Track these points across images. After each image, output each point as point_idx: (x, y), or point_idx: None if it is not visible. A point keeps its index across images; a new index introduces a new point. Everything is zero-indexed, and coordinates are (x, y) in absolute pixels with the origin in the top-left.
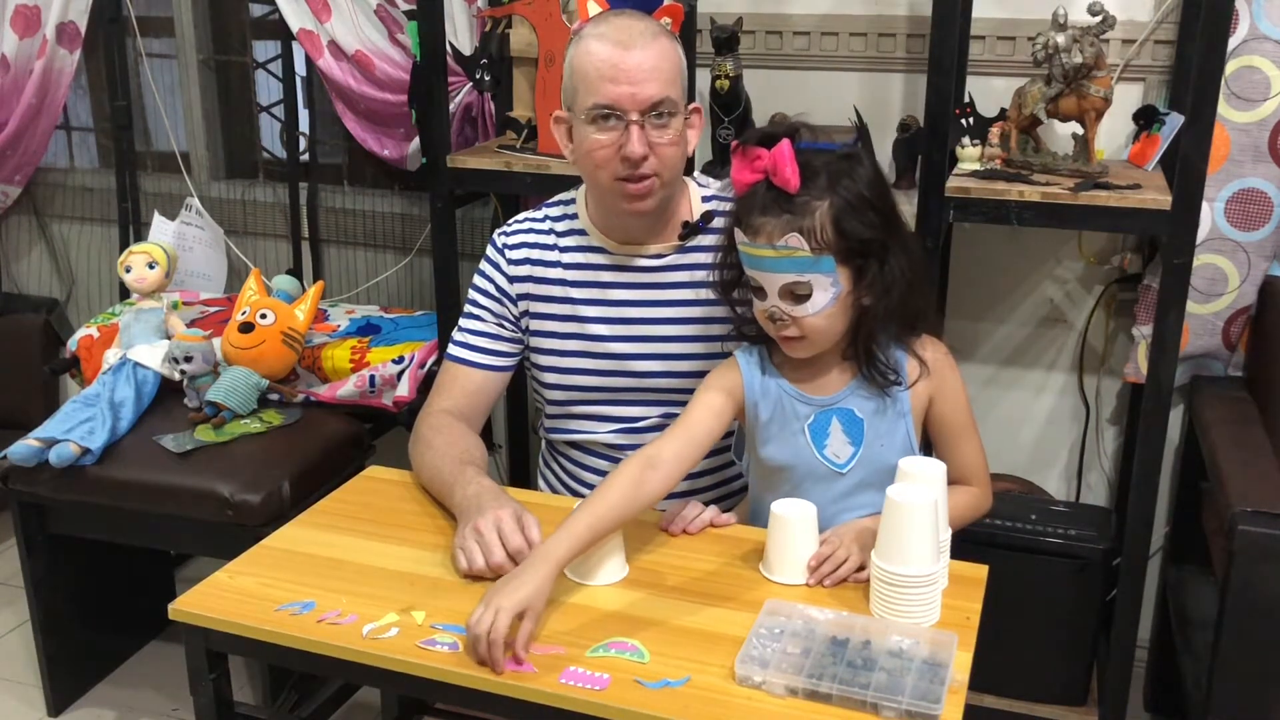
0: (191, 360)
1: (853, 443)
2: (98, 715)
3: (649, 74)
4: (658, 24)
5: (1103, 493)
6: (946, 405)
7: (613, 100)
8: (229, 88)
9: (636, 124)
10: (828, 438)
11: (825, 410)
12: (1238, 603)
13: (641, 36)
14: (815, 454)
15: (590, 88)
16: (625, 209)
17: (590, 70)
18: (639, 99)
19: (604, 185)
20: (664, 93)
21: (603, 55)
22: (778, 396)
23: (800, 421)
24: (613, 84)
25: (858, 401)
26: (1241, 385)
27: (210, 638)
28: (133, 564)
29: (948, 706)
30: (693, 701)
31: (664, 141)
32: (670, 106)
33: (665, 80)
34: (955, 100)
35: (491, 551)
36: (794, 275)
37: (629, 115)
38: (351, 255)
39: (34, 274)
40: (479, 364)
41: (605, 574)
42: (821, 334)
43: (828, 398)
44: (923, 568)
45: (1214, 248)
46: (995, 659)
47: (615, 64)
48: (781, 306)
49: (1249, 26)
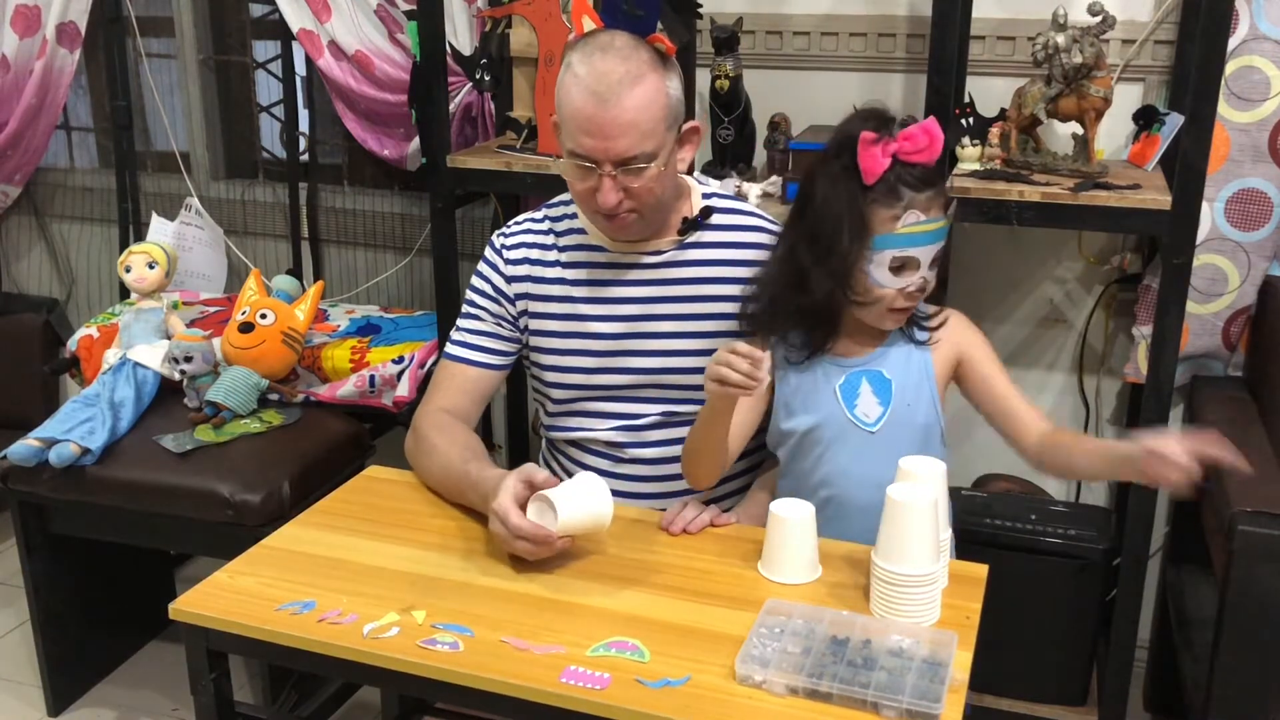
0: (191, 360)
1: (882, 402)
2: (98, 715)
3: (623, 129)
4: (645, 58)
5: (1103, 493)
6: (978, 354)
7: (586, 151)
8: (229, 88)
9: (609, 175)
10: (858, 398)
11: (856, 371)
12: (1238, 603)
13: (619, 86)
14: (846, 413)
15: (568, 130)
16: (606, 230)
17: (568, 113)
18: (611, 154)
19: (586, 212)
20: (638, 148)
21: (578, 104)
22: (808, 366)
23: (831, 383)
24: (587, 136)
25: (886, 363)
26: (1241, 385)
27: (210, 638)
28: (133, 564)
29: (948, 706)
30: (693, 701)
31: (639, 186)
32: (645, 159)
33: (642, 134)
34: (955, 100)
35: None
36: (940, 243)
37: (602, 166)
38: (351, 255)
39: (34, 274)
40: (476, 362)
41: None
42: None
43: (859, 359)
44: (923, 567)
45: (1214, 248)
46: (995, 659)
47: (589, 117)
48: (929, 275)
49: (1249, 26)
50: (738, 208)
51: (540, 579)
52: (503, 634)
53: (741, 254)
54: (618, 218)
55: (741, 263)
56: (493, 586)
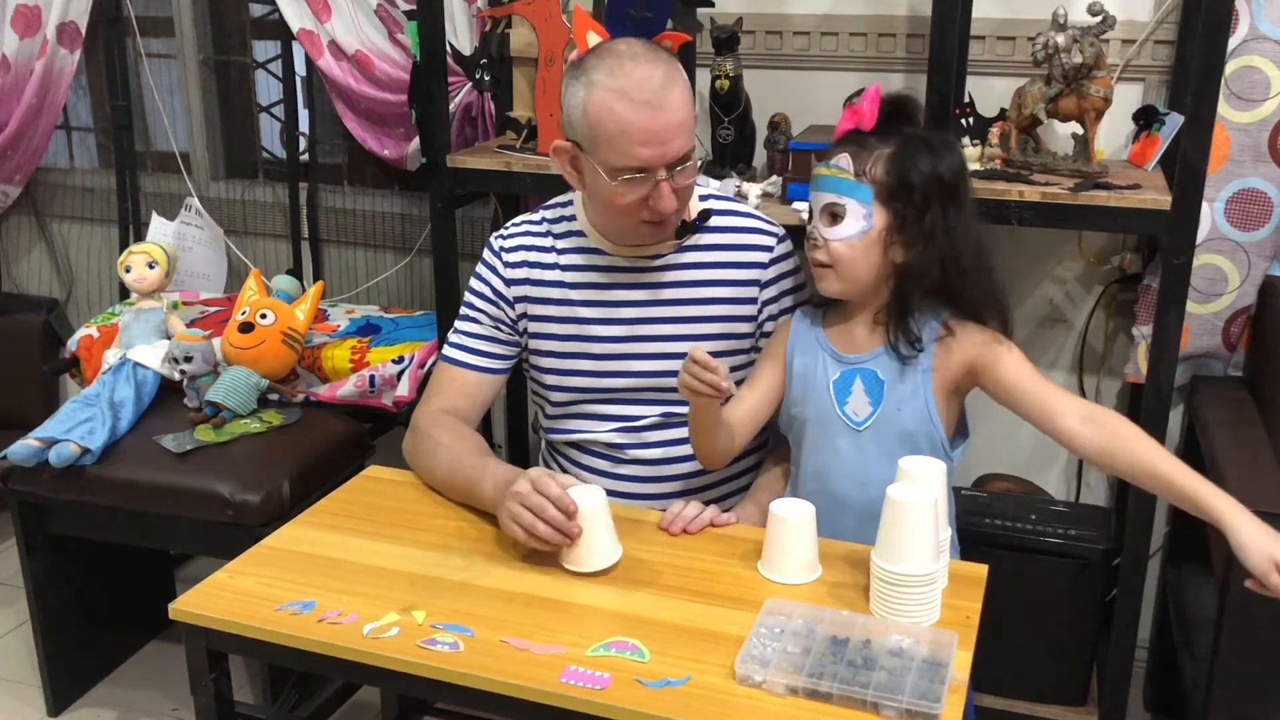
0: (191, 360)
1: (872, 403)
2: (98, 715)
3: (677, 130)
4: (665, 57)
5: (1102, 493)
6: (1005, 371)
7: (644, 162)
8: (229, 88)
9: (666, 180)
10: (849, 395)
11: (851, 369)
12: (1238, 603)
13: (664, 90)
14: (836, 409)
15: (619, 150)
16: (644, 237)
17: (616, 132)
18: (669, 156)
19: (625, 225)
20: (690, 143)
21: (632, 119)
22: (814, 348)
23: (827, 377)
24: (644, 147)
25: (883, 364)
26: (1241, 385)
27: (210, 638)
28: (133, 564)
29: (948, 706)
30: (693, 701)
31: (686, 184)
32: (692, 152)
33: (689, 130)
34: (955, 100)
35: (529, 498)
36: (833, 196)
37: (658, 173)
38: (351, 255)
39: (34, 274)
40: (475, 365)
41: (597, 559)
42: (847, 266)
43: (857, 356)
44: (922, 567)
45: (1214, 248)
46: (995, 659)
47: (647, 128)
48: (819, 227)
49: (1249, 26)
50: (736, 209)
51: (540, 579)
52: (503, 634)
53: (739, 256)
54: (664, 223)
55: (739, 265)
56: (493, 586)
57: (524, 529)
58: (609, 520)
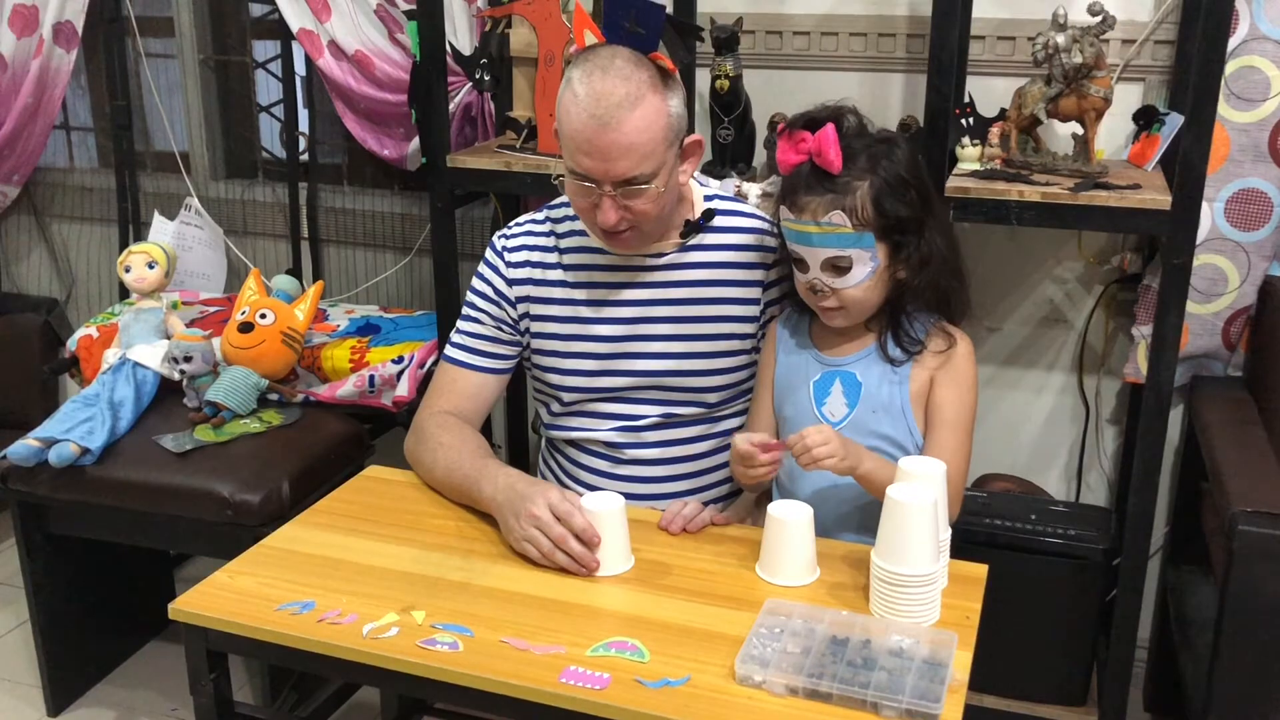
0: (191, 360)
1: (849, 404)
2: (98, 715)
3: (623, 152)
4: (645, 78)
5: (1102, 493)
6: (945, 392)
7: (585, 171)
8: (229, 88)
9: (609, 195)
10: (828, 396)
11: (832, 370)
12: (1237, 603)
13: (618, 109)
14: (813, 408)
15: (568, 148)
16: (606, 243)
17: (567, 132)
18: (611, 175)
19: (587, 225)
20: (637, 169)
21: (578, 126)
22: (799, 350)
23: (809, 377)
24: (586, 157)
25: (863, 367)
26: (1241, 385)
27: (210, 638)
28: (133, 564)
29: (948, 706)
30: (693, 701)
31: (638, 205)
32: (644, 179)
33: (641, 155)
34: (955, 100)
35: (551, 528)
36: (836, 250)
37: (602, 186)
38: (351, 255)
39: (34, 274)
40: (477, 366)
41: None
42: (859, 305)
43: (840, 359)
44: (923, 567)
45: (1214, 248)
46: (995, 659)
47: (590, 140)
48: (822, 278)
49: (1249, 26)
50: (738, 209)
51: (540, 579)
52: (502, 634)
53: (742, 256)
54: (617, 235)
55: (742, 264)
56: (493, 586)
57: (542, 554)
58: (625, 530)
